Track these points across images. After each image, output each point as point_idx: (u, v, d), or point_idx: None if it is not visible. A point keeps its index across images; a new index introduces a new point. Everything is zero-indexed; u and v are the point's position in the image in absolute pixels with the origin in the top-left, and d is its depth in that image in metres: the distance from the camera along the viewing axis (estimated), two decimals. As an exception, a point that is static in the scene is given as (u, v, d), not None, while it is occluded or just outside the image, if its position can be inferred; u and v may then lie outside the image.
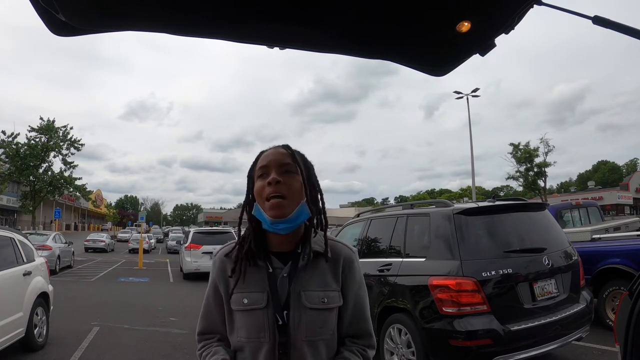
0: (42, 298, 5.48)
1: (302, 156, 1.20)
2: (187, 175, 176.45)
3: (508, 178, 37.06)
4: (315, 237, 1.17)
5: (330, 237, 1.21)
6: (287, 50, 1.32)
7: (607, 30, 1.08)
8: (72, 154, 28.37)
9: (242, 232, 1.19)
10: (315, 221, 1.19)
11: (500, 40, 1.25)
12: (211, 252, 12.99)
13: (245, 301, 1.12)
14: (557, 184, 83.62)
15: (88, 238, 28.98)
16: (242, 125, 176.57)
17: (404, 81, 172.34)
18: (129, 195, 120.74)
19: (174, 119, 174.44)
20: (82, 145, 28.73)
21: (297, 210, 1.09)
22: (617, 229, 7.57)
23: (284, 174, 1.10)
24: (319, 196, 1.20)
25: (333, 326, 1.15)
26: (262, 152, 1.19)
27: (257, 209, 1.13)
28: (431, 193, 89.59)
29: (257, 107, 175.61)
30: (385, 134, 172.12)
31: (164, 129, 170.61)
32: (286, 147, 1.18)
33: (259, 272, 1.14)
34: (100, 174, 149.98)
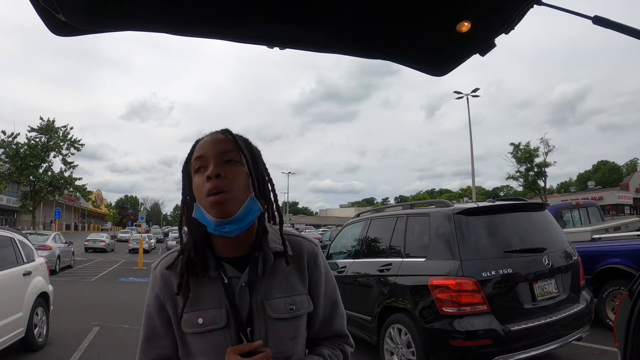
0: (42, 298, 5.48)
1: (246, 141, 1.02)
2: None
3: (508, 178, 37.12)
4: (270, 235, 1.00)
5: (286, 230, 1.04)
6: (289, 50, 1.32)
7: (608, 30, 1.08)
8: (72, 154, 28.39)
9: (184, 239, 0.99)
10: (267, 216, 1.02)
11: (501, 40, 1.25)
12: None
13: (201, 321, 0.93)
14: (557, 184, 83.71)
15: (88, 238, 28.96)
16: (243, 125, 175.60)
17: (405, 81, 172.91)
18: (129, 195, 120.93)
19: (175, 118, 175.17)
20: (82, 145, 28.73)
21: (244, 207, 0.92)
22: (617, 229, 7.57)
23: (225, 165, 0.93)
24: (269, 187, 1.02)
25: (303, 336, 1.01)
26: (198, 141, 1.00)
27: (197, 210, 0.94)
28: (431, 193, 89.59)
29: (259, 107, 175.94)
30: (386, 134, 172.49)
31: (165, 128, 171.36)
32: (225, 131, 0.99)
33: (213, 284, 0.95)
34: (100, 174, 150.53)
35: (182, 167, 1.00)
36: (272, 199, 1.03)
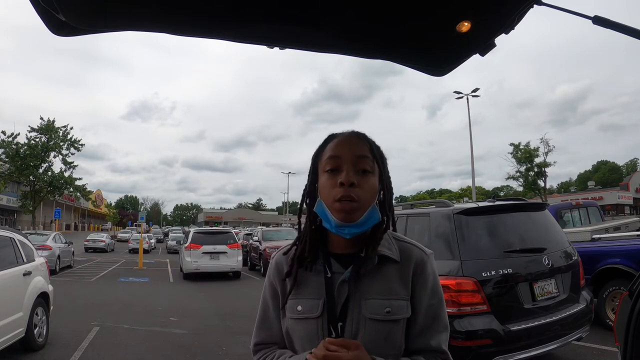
0: (42, 298, 5.48)
1: (379, 149, 1.03)
2: (188, 175, 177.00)
3: (508, 178, 37.13)
4: (382, 239, 1.02)
5: (399, 236, 1.06)
6: (291, 50, 1.32)
7: (608, 30, 1.08)
8: (72, 154, 28.41)
9: (302, 228, 1.06)
10: (384, 224, 1.03)
11: (503, 40, 1.25)
12: (211, 252, 13.02)
13: (299, 308, 0.99)
14: (557, 184, 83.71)
15: (88, 238, 28.96)
16: (244, 125, 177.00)
17: (408, 81, 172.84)
18: (129, 195, 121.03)
19: (176, 118, 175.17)
20: (82, 145, 28.75)
21: (366, 214, 0.95)
22: (617, 229, 7.57)
23: (359, 174, 0.95)
24: (390, 196, 1.05)
25: (399, 342, 0.98)
26: (332, 136, 1.03)
27: (320, 205, 0.98)
28: (431, 193, 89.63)
29: (260, 107, 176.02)
30: (387, 134, 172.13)
31: (166, 128, 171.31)
32: (363, 136, 1.02)
33: (317, 276, 1.00)
34: (101, 174, 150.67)
35: (312, 157, 1.05)
36: (391, 205, 1.05)
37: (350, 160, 0.96)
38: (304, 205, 1.06)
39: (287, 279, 1.03)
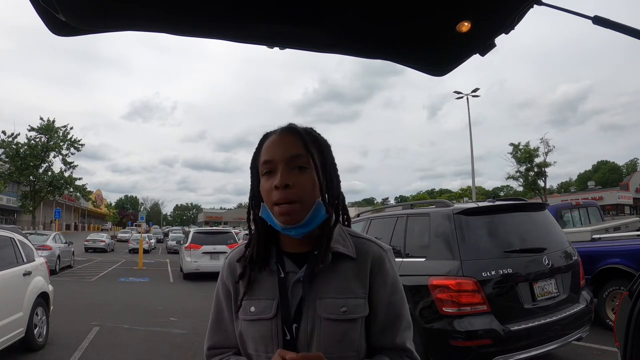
0: (42, 298, 5.48)
1: (315, 138, 0.99)
2: (188, 175, 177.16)
3: (508, 178, 37.12)
4: (336, 235, 0.99)
5: (355, 232, 1.03)
6: (292, 50, 1.32)
7: (609, 30, 1.08)
8: (72, 154, 28.40)
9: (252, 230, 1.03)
10: (334, 216, 1.00)
11: (503, 40, 1.25)
12: (211, 252, 13.01)
13: (253, 309, 0.97)
14: (557, 184, 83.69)
15: (88, 238, 28.96)
16: (245, 125, 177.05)
17: (409, 81, 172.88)
18: (129, 195, 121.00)
19: (177, 118, 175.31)
20: (82, 145, 28.75)
21: (310, 214, 0.92)
22: (617, 229, 7.57)
23: (294, 172, 0.92)
24: (337, 184, 1.01)
25: (357, 342, 0.95)
26: (266, 136, 1.00)
27: (265, 210, 0.96)
28: (431, 193, 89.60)
29: (261, 107, 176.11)
30: (388, 134, 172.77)
31: (167, 128, 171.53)
32: (294, 130, 0.98)
33: (270, 276, 0.98)
34: (102, 174, 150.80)
35: (251, 160, 1.02)
36: (340, 199, 1.02)
37: (284, 161, 0.93)
38: (251, 212, 1.02)
39: (240, 281, 1.00)
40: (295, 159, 0.93)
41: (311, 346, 0.92)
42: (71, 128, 27.97)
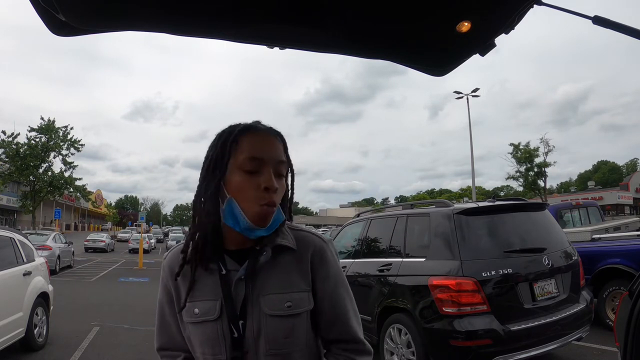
0: (42, 298, 5.48)
1: (288, 149, 1.01)
2: (189, 175, 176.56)
3: (508, 178, 37.10)
4: (276, 229, 0.97)
5: (295, 225, 1.03)
6: (294, 50, 1.32)
7: (610, 31, 1.08)
8: (72, 154, 28.39)
9: (190, 228, 0.99)
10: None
11: (505, 40, 1.25)
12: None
13: (196, 311, 0.94)
14: (557, 184, 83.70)
15: (88, 238, 28.96)
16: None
17: (410, 81, 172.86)
18: (129, 195, 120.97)
19: (178, 118, 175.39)
20: (82, 145, 28.73)
21: (274, 218, 0.93)
22: (617, 229, 7.57)
23: (277, 178, 0.93)
24: (293, 194, 1.03)
25: (304, 336, 0.95)
26: (247, 127, 0.96)
27: (230, 204, 0.92)
28: (431, 193, 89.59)
29: (262, 107, 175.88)
30: (389, 134, 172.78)
31: (168, 128, 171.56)
32: (277, 134, 0.98)
33: (211, 275, 0.95)
34: (102, 174, 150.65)
35: (217, 147, 0.96)
36: (289, 197, 1.02)
37: (272, 164, 0.93)
38: (200, 205, 0.97)
39: (178, 281, 0.97)
40: (280, 165, 0.95)
41: (259, 344, 0.92)
42: (71, 128, 27.97)
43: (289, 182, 1.00)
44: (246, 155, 0.92)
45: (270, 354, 0.92)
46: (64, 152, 27.96)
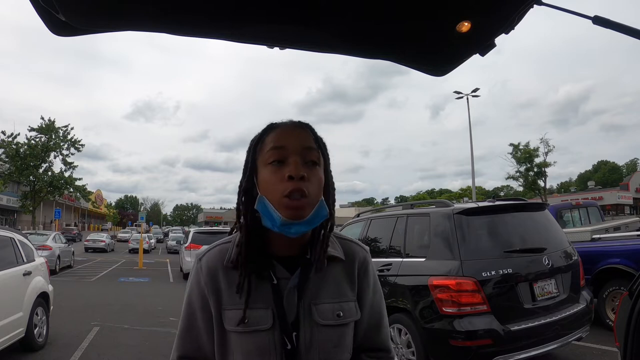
0: (42, 298, 5.48)
1: (322, 140, 0.95)
2: (189, 175, 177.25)
3: (508, 178, 37.10)
4: (326, 238, 0.95)
5: (338, 233, 1.00)
6: (295, 50, 1.32)
7: (610, 31, 1.08)
8: (72, 154, 28.41)
9: (235, 231, 0.95)
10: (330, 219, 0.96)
11: (506, 40, 1.25)
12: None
13: (246, 320, 0.89)
14: (557, 184, 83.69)
15: (88, 238, 28.97)
16: (248, 125, 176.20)
17: (413, 81, 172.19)
18: (129, 195, 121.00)
19: (180, 118, 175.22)
20: (82, 145, 28.74)
21: (315, 211, 0.86)
22: (617, 229, 7.56)
23: (307, 165, 0.87)
24: (333, 191, 0.97)
25: (350, 345, 0.95)
26: (272, 126, 0.93)
27: (262, 202, 0.87)
28: (431, 193, 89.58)
29: (263, 107, 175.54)
30: (390, 134, 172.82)
31: (169, 128, 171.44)
32: (307, 126, 0.93)
33: (261, 282, 0.91)
34: (103, 174, 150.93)
35: (248, 149, 0.94)
36: (330, 190, 0.97)
37: (298, 152, 0.87)
38: (241, 206, 0.94)
39: (220, 284, 0.92)
40: (309, 151, 0.88)
41: (310, 354, 0.89)
42: (72, 128, 27.99)
43: (327, 172, 0.94)
44: (270, 147, 0.89)
45: None
46: (64, 152, 28.00)
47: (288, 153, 0.87)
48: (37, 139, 27.07)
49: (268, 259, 0.92)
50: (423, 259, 3.89)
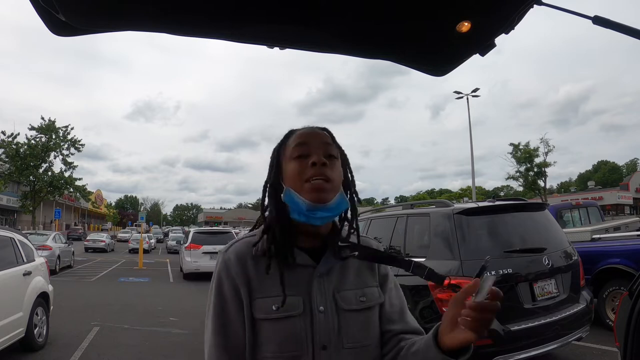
0: (42, 298, 5.48)
1: (338, 142, 1.06)
2: (190, 175, 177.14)
3: (508, 178, 37.13)
4: (343, 230, 1.03)
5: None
6: (295, 50, 1.32)
7: (610, 31, 1.08)
8: (72, 154, 28.42)
9: (259, 226, 1.03)
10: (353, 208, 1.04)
11: (506, 40, 1.25)
12: (211, 252, 13.01)
13: (275, 307, 0.92)
14: (557, 184, 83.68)
15: (88, 238, 28.97)
16: (248, 125, 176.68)
17: (413, 81, 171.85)
18: (128, 195, 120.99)
19: (180, 118, 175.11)
20: (82, 145, 28.77)
21: (337, 198, 0.94)
22: (617, 229, 7.57)
23: (327, 158, 0.96)
24: (353, 188, 1.05)
25: (377, 329, 1.00)
26: (293, 131, 1.04)
27: (288, 193, 0.95)
28: (431, 193, 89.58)
29: (264, 107, 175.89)
30: (390, 134, 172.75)
31: (169, 128, 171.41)
32: (325, 129, 1.04)
33: (290, 270, 0.95)
34: (103, 174, 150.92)
35: (273, 152, 1.04)
36: (351, 185, 1.05)
37: (319, 146, 0.97)
38: (267, 199, 1.02)
39: (250, 274, 0.95)
40: (328, 147, 0.98)
41: (340, 339, 0.94)
42: (72, 128, 28.05)
43: (345, 166, 1.03)
44: (293, 145, 0.99)
45: (348, 347, 0.94)
46: (64, 152, 28.01)
47: (310, 148, 0.96)
48: (37, 139, 27.10)
49: (292, 249, 0.98)
50: (423, 259, 3.89)
